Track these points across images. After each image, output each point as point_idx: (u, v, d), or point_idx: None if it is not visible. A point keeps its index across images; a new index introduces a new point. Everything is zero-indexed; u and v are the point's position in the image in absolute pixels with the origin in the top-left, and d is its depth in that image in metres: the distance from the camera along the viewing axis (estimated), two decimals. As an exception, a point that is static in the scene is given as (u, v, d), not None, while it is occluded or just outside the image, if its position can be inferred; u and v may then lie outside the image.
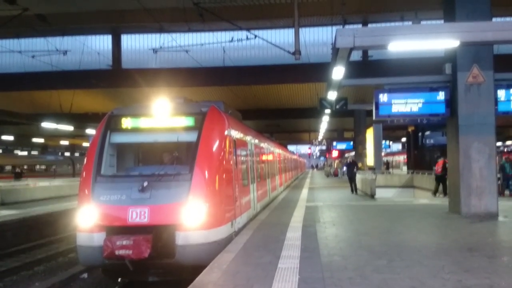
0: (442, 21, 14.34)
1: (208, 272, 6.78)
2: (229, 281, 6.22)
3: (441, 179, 20.01)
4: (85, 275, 10.93)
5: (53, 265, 12.85)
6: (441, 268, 6.69)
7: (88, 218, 8.63)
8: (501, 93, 12.86)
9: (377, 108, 13.23)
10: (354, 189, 22.08)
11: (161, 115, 9.72)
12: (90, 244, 8.54)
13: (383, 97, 13.20)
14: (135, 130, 9.88)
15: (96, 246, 8.42)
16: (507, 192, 19.55)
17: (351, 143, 44.05)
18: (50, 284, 10.07)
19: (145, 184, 8.63)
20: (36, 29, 23.71)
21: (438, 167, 20.09)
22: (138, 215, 8.36)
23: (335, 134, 56.88)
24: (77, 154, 60.88)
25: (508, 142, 58.59)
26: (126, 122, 9.82)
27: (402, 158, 45.16)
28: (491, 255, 7.70)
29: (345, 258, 7.55)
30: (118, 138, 9.86)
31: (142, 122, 9.84)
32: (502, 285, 5.83)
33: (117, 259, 8.14)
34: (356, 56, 25.34)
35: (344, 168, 23.18)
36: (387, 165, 44.06)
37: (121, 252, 8.03)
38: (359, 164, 35.66)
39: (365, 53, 26.20)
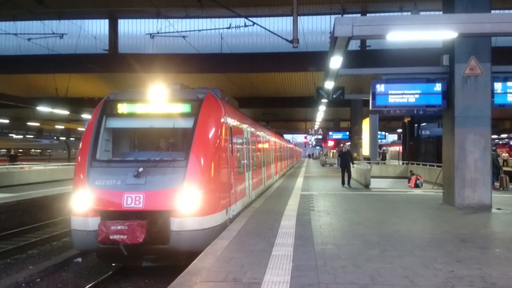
0: (441, 12, 14.29)
1: (202, 258, 6.81)
2: (223, 268, 6.25)
3: None
4: (79, 259, 10.96)
5: (47, 249, 12.87)
6: (434, 259, 6.74)
7: (83, 203, 8.66)
8: (498, 86, 12.89)
9: (374, 98, 13.22)
10: (348, 181, 20.13)
11: (157, 101, 9.70)
12: (84, 229, 8.58)
13: (380, 88, 13.18)
14: (131, 116, 9.86)
15: (90, 230, 8.47)
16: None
17: (347, 133, 44.10)
18: (44, 268, 10.09)
19: (141, 169, 8.65)
20: (33, 12, 23.48)
21: (411, 183, 21.54)
22: (133, 201, 8.39)
23: (331, 123, 56.90)
24: (72, 139, 60.68)
25: (503, 135, 58.78)
26: (122, 107, 9.80)
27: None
28: (484, 246, 7.76)
29: (339, 247, 7.59)
30: (113, 123, 9.84)
31: (138, 108, 9.82)
32: (494, 275, 5.88)
33: (111, 244, 8.19)
34: (354, 45, 25.26)
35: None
36: (384, 155, 43.95)
37: (116, 237, 8.08)
38: (354, 154, 35.75)
39: (363, 42, 26.12)
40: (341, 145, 24.95)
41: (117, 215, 8.42)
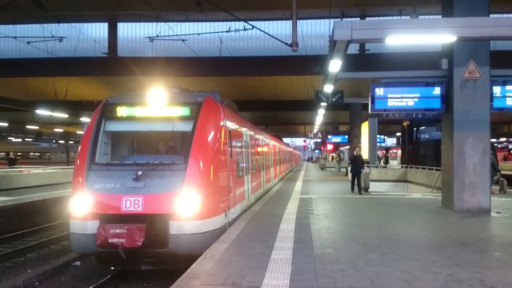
0: (440, 16, 14.33)
1: (201, 261, 6.80)
2: (222, 271, 6.24)
3: None
4: (78, 263, 10.93)
5: (46, 252, 12.84)
6: (433, 262, 6.74)
7: (81, 206, 8.64)
8: (497, 89, 12.91)
9: (373, 102, 13.24)
10: (358, 188, 18.84)
11: (156, 104, 9.70)
12: (83, 232, 8.56)
13: (379, 91, 13.21)
14: (130, 119, 9.85)
15: (89, 234, 8.46)
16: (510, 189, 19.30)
17: (346, 136, 44.09)
18: (43, 271, 10.06)
19: (139, 173, 8.63)
20: (32, 15, 23.50)
21: None
22: (132, 204, 8.37)
23: (330, 127, 56.91)
24: (71, 142, 60.65)
25: (502, 139, 58.81)
26: (121, 111, 9.80)
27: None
28: (483, 250, 7.76)
29: (338, 250, 7.58)
30: (112, 126, 9.84)
31: (137, 111, 9.82)
32: (493, 279, 5.88)
33: (110, 248, 8.16)
34: (353, 49, 25.29)
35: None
36: (386, 159, 43.80)
37: (115, 240, 8.06)
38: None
39: (362, 46, 26.15)
40: (355, 148, 22.23)
41: (116, 219, 8.40)
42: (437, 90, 13.02)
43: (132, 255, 8.30)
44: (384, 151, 52.57)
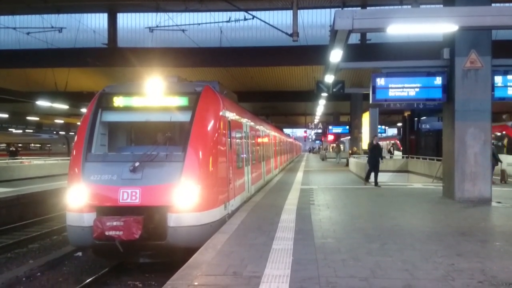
0: (441, 5, 14.21)
1: (202, 252, 6.79)
2: (223, 261, 6.23)
3: None
4: (80, 254, 10.94)
5: (48, 243, 12.85)
6: (434, 252, 6.72)
7: (78, 198, 8.52)
8: (498, 79, 12.84)
9: (374, 92, 13.17)
10: (375, 179, 17.31)
11: (154, 94, 9.54)
12: (80, 224, 8.43)
13: (380, 81, 13.13)
14: (127, 109, 9.69)
15: (86, 226, 8.33)
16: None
17: (347, 127, 44.03)
18: (44, 262, 10.07)
19: (137, 164, 8.51)
20: (32, 6, 23.39)
21: None
22: (129, 196, 8.26)
23: (331, 118, 56.84)
24: (72, 133, 60.63)
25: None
26: (118, 101, 9.64)
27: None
28: (484, 240, 7.74)
29: (339, 240, 7.57)
30: (109, 117, 9.69)
31: (134, 101, 9.66)
32: (494, 269, 5.86)
33: (107, 240, 8.05)
34: (355, 39, 25.16)
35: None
36: (392, 150, 43.61)
37: (111, 233, 7.95)
38: (354, 148, 35.71)
39: (363, 36, 26.02)
40: (374, 136, 20.51)
41: (113, 211, 8.29)
42: (438, 80, 12.94)
43: (129, 247, 8.21)
44: (397, 141, 52.15)
